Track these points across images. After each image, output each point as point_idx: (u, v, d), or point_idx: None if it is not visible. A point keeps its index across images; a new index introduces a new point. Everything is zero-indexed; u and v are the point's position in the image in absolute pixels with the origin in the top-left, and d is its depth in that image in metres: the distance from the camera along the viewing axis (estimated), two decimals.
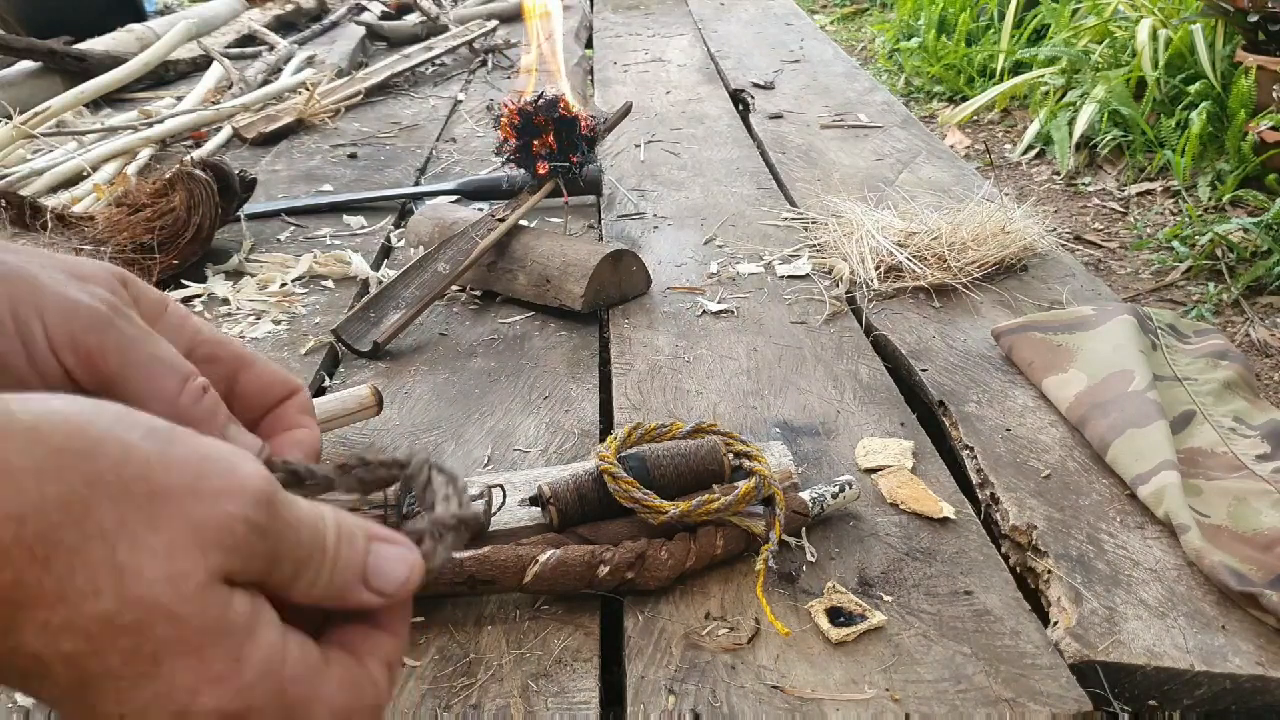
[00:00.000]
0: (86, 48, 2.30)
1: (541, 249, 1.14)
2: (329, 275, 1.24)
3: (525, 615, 0.66)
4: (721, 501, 0.67)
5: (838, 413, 0.91)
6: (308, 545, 0.27)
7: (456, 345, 1.07)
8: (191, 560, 0.24)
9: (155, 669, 0.24)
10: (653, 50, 2.59)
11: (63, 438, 0.23)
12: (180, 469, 0.25)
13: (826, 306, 1.12)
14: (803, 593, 0.68)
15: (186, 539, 0.24)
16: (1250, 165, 2.02)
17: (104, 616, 0.23)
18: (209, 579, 0.24)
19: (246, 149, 1.83)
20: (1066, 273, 1.20)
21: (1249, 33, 2.11)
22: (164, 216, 1.20)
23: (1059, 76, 2.65)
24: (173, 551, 0.24)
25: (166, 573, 0.24)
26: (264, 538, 0.26)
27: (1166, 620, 0.66)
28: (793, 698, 0.59)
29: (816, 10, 4.58)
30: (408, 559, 0.30)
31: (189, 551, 0.24)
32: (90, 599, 0.23)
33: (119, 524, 0.23)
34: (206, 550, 0.24)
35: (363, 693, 0.28)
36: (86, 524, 0.23)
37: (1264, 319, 1.65)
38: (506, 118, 1.15)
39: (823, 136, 1.79)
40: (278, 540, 0.26)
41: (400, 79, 2.24)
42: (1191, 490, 0.77)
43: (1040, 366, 0.94)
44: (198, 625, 0.24)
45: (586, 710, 0.59)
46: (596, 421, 0.91)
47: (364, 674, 0.29)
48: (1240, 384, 0.93)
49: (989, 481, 0.81)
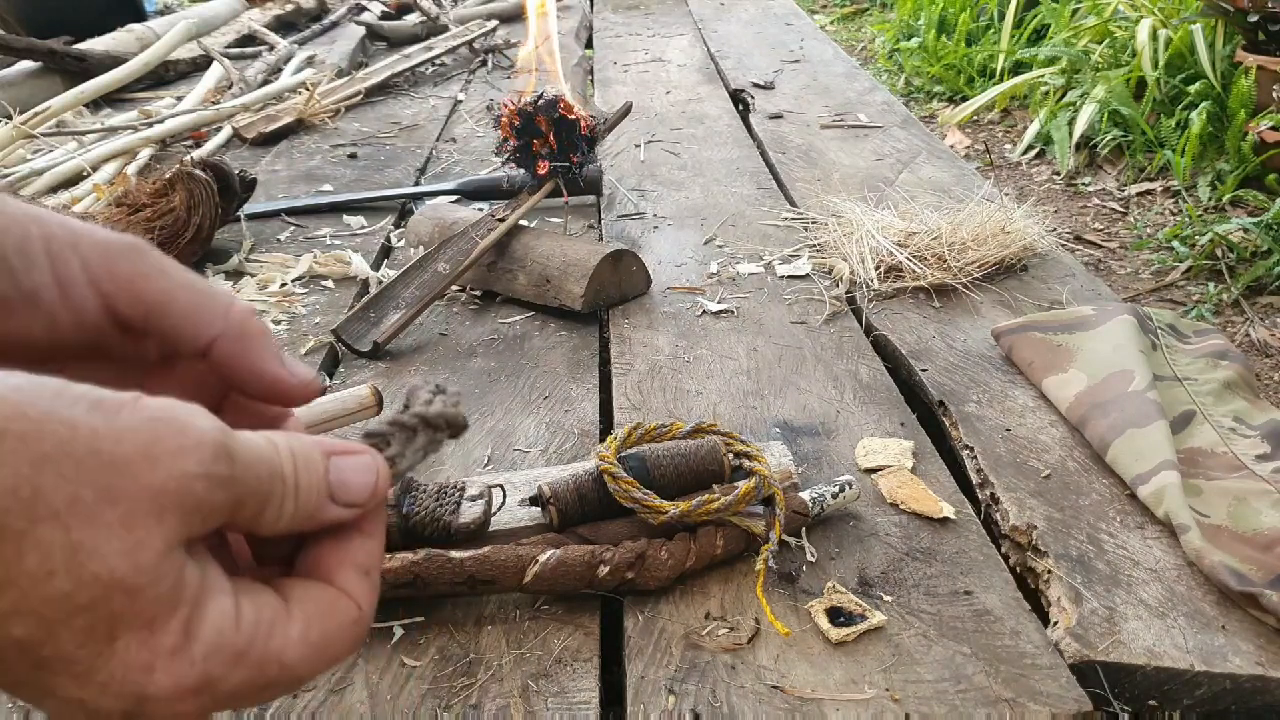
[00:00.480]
0: (86, 48, 2.30)
1: (541, 249, 1.14)
2: (329, 275, 1.24)
3: (525, 615, 0.66)
4: (721, 501, 0.67)
5: (838, 413, 0.91)
6: (267, 479, 0.27)
7: (456, 345, 1.07)
8: (148, 529, 0.24)
9: (110, 647, 0.23)
10: (653, 50, 2.59)
11: (1, 421, 0.22)
12: (131, 437, 0.24)
13: (826, 306, 1.12)
14: (803, 593, 0.68)
15: (144, 508, 0.24)
16: (1250, 165, 2.02)
17: (59, 597, 0.23)
18: (167, 546, 0.24)
19: (246, 149, 1.83)
20: (1066, 273, 1.20)
21: (1249, 33, 2.11)
22: (164, 216, 1.20)
23: (1059, 76, 2.65)
24: (130, 522, 0.23)
25: (124, 544, 0.23)
26: (225, 487, 0.25)
27: (1166, 620, 0.66)
28: (793, 698, 0.59)
29: (816, 10, 4.58)
30: (370, 465, 0.30)
31: (146, 521, 0.24)
32: (43, 582, 0.22)
33: (71, 502, 0.23)
34: (164, 516, 0.24)
35: (336, 616, 0.28)
36: (36, 507, 0.22)
37: (1264, 319, 1.65)
38: (506, 118, 1.15)
39: (823, 136, 1.79)
40: (239, 486, 0.26)
41: (400, 79, 2.24)
42: (1191, 490, 0.77)
43: (1040, 366, 0.94)
44: (152, 596, 0.24)
45: (586, 710, 0.59)
46: (596, 421, 0.91)
47: (335, 595, 0.29)
48: (1240, 384, 0.93)
49: (989, 481, 0.81)
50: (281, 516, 0.28)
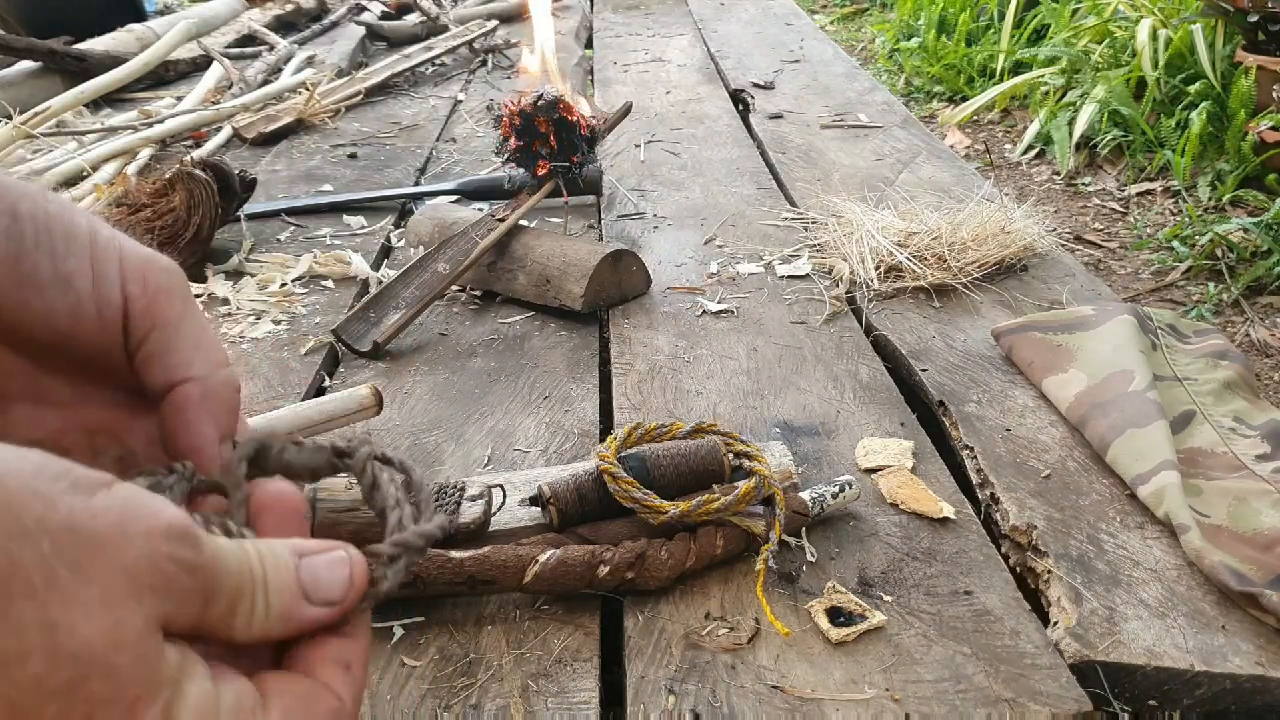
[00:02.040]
0: (86, 48, 2.30)
1: (541, 249, 1.14)
2: (329, 275, 1.24)
3: (525, 615, 0.66)
4: (721, 501, 0.67)
5: (838, 413, 0.91)
6: (236, 574, 0.26)
7: (456, 345, 1.07)
8: (128, 608, 0.23)
9: None
10: (653, 50, 2.59)
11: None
12: (104, 515, 0.23)
13: (826, 306, 1.12)
14: (803, 593, 0.68)
15: (121, 587, 0.23)
16: (1250, 165, 2.02)
17: (33, 682, 0.21)
18: (146, 626, 0.23)
19: (246, 149, 1.83)
20: (1066, 273, 1.20)
21: (1249, 33, 2.11)
22: (164, 216, 1.20)
23: (1059, 76, 2.65)
24: (108, 601, 0.23)
25: (102, 625, 0.22)
26: (192, 574, 0.25)
27: (1166, 620, 0.66)
28: (793, 698, 0.59)
29: (816, 10, 4.58)
30: (343, 559, 0.29)
31: (124, 600, 0.23)
32: (16, 664, 0.21)
33: (48, 580, 0.22)
34: (142, 596, 0.23)
35: (316, 707, 0.27)
36: (12, 584, 0.21)
37: (1264, 319, 1.65)
38: (507, 118, 1.15)
39: (823, 136, 1.79)
40: (207, 575, 0.25)
41: (400, 79, 2.24)
42: (1191, 490, 0.77)
43: (1040, 366, 0.94)
44: (132, 678, 0.23)
45: (586, 710, 0.59)
46: (596, 421, 0.91)
47: (315, 687, 0.28)
48: (1240, 384, 0.93)
49: (989, 481, 0.81)
50: (255, 616, 0.27)
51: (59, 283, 0.31)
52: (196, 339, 0.33)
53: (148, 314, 0.32)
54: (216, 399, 0.33)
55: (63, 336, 0.32)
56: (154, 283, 0.33)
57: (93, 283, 0.32)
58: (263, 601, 0.27)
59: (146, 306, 0.32)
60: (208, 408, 0.33)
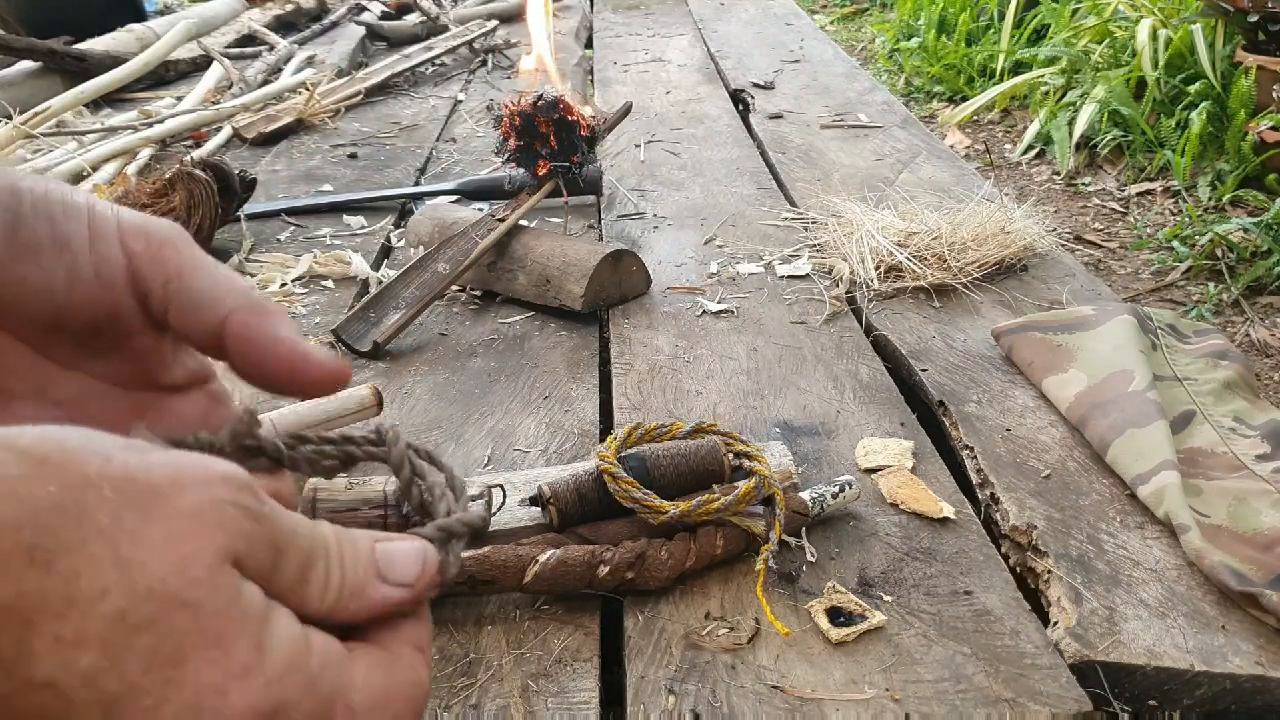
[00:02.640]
0: (86, 48, 2.30)
1: (541, 249, 1.14)
2: (329, 275, 1.24)
3: (525, 615, 0.66)
4: (721, 501, 0.67)
5: (838, 413, 0.91)
6: (308, 539, 0.27)
7: (456, 345, 1.07)
8: (194, 542, 0.23)
9: (179, 671, 0.22)
10: (653, 50, 2.59)
11: (43, 450, 0.23)
12: (160, 468, 0.24)
13: (826, 306, 1.12)
14: (803, 593, 0.68)
15: (184, 525, 0.24)
16: (1250, 165, 2.02)
17: (117, 616, 0.22)
18: (215, 559, 0.24)
19: (246, 149, 1.83)
20: (1066, 273, 1.20)
21: (1249, 33, 2.11)
22: (164, 216, 1.20)
23: (1059, 76, 2.65)
24: (172, 538, 0.23)
25: (171, 560, 0.23)
26: (258, 521, 0.25)
27: (1166, 620, 0.66)
28: (793, 698, 0.59)
29: (816, 10, 4.58)
30: (418, 548, 0.29)
31: (189, 535, 0.23)
32: (99, 599, 0.22)
33: (115, 521, 0.23)
34: (206, 533, 0.24)
35: (398, 674, 0.27)
36: (84, 524, 0.22)
37: (1264, 319, 1.65)
38: (507, 118, 1.15)
39: (823, 136, 1.79)
40: (273, 526, 0.26)
41: (400, 79, 2.24)
42: (1191, 490, 0.77)
43: (1040, 366, 0.94)
44: (213, 609, 0.23)
45: (586, 710, 0.59)
46: (596, 421, 0.91)
47: (394, 657, 0.28)
48: (1240, 384, 0.93)
49: (989, 481, 0.81)
50: (329, 588, 0.27)
51: (55, 246, 0.31)
52: (216, 277, 0.33)
53: (157, 264, 0.32)
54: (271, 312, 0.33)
55: (61, 308, 0.32)
56: (156, 235, 0.33)
57: (89, 243, 0.32)
58: (338, 571, 0.27)
59: (153, 257, 0.32)
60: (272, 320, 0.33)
